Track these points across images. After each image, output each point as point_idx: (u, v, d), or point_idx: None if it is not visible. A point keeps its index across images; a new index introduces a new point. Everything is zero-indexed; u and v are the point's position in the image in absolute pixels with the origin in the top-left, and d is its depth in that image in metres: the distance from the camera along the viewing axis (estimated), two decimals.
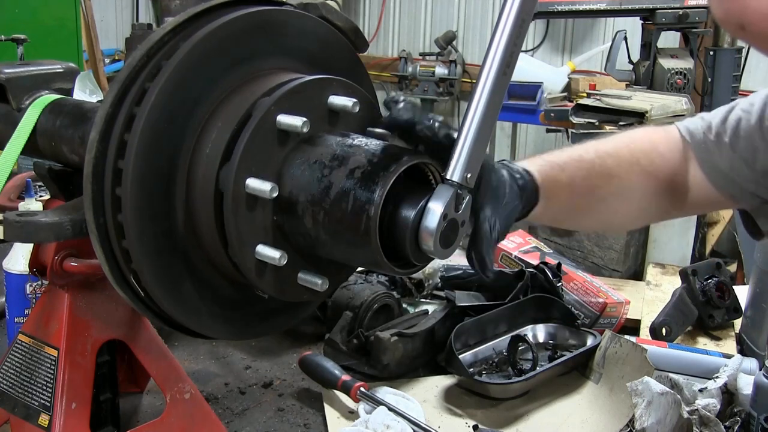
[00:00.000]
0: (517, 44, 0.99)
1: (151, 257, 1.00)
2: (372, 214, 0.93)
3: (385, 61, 6.63)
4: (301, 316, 1.24)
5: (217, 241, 1.01)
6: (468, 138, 0.98)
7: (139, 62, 1.00)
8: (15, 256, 1.57)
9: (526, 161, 1.23)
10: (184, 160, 1.00)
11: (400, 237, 0.97)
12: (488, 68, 0.99)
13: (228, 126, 0.99)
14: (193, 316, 1.07)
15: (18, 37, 3.21)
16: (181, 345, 1.68)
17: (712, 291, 1.77)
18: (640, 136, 1.40)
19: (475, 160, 0.98)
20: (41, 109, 1.22)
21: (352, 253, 1.01)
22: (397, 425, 1.32)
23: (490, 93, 0.99)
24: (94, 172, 0.99)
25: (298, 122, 0.97)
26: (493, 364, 1.61)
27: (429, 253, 0.98)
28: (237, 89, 1.03)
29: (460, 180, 0.97)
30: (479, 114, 0.98)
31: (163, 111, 0.97)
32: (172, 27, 1.01)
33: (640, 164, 1.34)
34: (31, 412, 1.19)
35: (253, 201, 0.99)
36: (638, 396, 1.31)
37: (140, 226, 0.98)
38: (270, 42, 1.06)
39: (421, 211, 0.97)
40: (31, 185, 1.87)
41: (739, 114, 1.32)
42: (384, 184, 0.94)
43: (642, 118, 2.86)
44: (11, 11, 4.51)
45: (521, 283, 1.76)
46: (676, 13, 3.18)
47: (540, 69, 5.17)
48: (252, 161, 0.98)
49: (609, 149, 1.34)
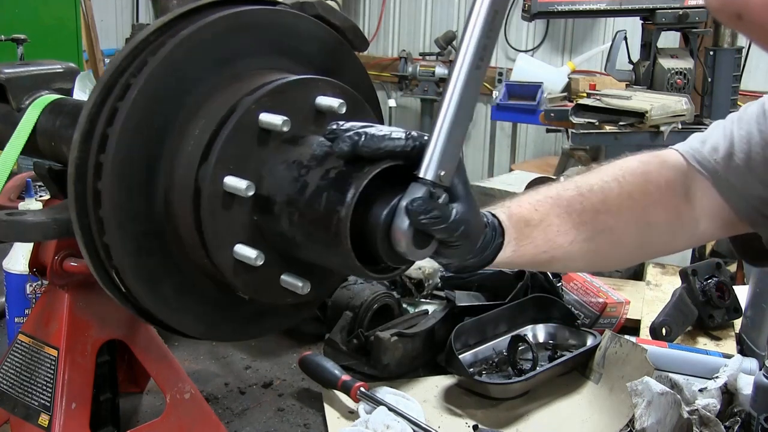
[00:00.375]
0: (491, 37, 0.96)
1: (131, 253, 0.99)
2: (343, 216, 0.90)
3: (385, 61, 6.64)
4: (293, 320, 1.22)
5: (197, 239, 0.99)
6: (441, 135, 0.94)
7: (123, 61, 0.99)
8: (15, 256, 1.57)
9: (489, 207, 1.16)
10: (167, 155, 0.99)
11: (371, 238, 0.94)
12: (460, 62, 0.96)
13: (210, 123, 0.98)
14: (174, 315, 1.06)
15: (18, 37, 3.21)
16: (181, 345, 1.68)
17: (712, 291, 1.77)
18: (631, 166, 1.27)
19: (449, 157, 0.95)
20: (41, 109, 1.22)
21: (327, 255, 0.98)
22: (397, 425, 1.32)
23: (463, 88, 0.96)
24: (78, 172, 0.98)
25: (279, 121, 0.96)
26: (493, 364, 1.61)
27: (403, 255, 0.95)
28: (223, 87, 1.01)
29: (433, 178, 0.94)
30: (452, 110, 0.95)
31: (146, 105, 0.96)
32: (158, 26, 1.00)
33: (633, 197, 1.24)
34: (31, 412, 1.19)
35: (230, 199, 0.97)
36: (638, 396, 1.31)
37: (119, 219, 0.97)
38: (259, 41, 1.05)
39: (392, 210, 0.94)
40: (31, 185, 1.87)
41: (742, 134, 1.24)
42: (357, 185, 0.91)
43: (642, 118, 2.86)
44: (11, 11, 4.51)
45: (521, 283, 1.76)
46: (676, 13, 3.18)
47: (540, 69, 5.19)
48: (231, 159, 0.96)
49: (593, 184, 1.24)
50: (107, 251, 0.99)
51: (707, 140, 1.28)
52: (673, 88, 3.18)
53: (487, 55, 0.97)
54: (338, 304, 1.70)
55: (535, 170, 4.18)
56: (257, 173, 0.99)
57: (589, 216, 1.21)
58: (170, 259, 1.03)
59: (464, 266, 1.09)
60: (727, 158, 1.24)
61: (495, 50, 3.69)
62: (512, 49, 5.96)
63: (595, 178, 1.25)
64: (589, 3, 3.30)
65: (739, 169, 1.23)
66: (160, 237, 1.01)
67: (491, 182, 2.99)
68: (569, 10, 3.34)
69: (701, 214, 1.27)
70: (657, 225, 1.27)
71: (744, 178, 1.23)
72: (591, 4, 3.30)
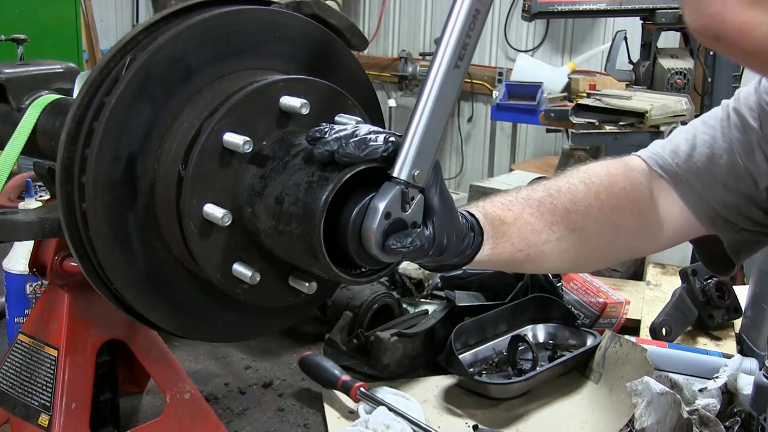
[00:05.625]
0: (471, 36, 0.95)
1: (113, 250, 0.99)
2: (316, 224, 0.90)
3: (385, 61, 6.63)
4: (287, 323, 1.23)
5: (188, 256, 1.00)
6: (416, 135, 0.93)
7: (110, 61, 0.99)
8: (15, 256, 1.57)
9: (464, 206, 1.16)
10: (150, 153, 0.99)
11: (343, 239, 0.93)
12: (438, 61, 0.95)
13: (181, 146, 0.98)
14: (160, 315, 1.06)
15: (18, 37, 3.20)
16: (181, 345, 1.68)
17: (712, 291, 1.77)
18: (596, 170, 1.28)
19: (424, 157, 0.93)
20: (41, 109, 1.22)
21: (309, 264, 0.97)
22: (397, 425, 1.32)
23: (440, 87, 0.95)
24: (65, 173, 0.98)
25: (240, 141, 0.95)
26: (493, 364, 1.61)
27: (375, 257, 0.94)
28: (209, 86, 1.01)
29: (407, 178, 0.93)
30: (428, 110, 0.94)
31: (132, 98, 0.96)
32: (145, 26, 1.00)
33: (600, 198, 1.24)
34: (31, 412, 1.19)
35: (210, 226, 0.98)
36: (638, 396, 1.31)
37: (102, 215, 0.97)
38: (247, 42, 1.04)
39: (363, 209, 0.92)
40: (31, 185, 1.87)
41: (705, 137, 1.25)
42: (329, 193, 0.90)
43: (642, 118, 2.86)
44: (11, 11, 4.51)
45: (521, 283, 1.76)
46: (676, 13, 3.18)
47: (540, 69, 5.18)
48: (204, 186, 0.96)
49: (561, 186, 1.25)
50: (91, 246, 0.99)
51: (668, 145, 1.30)
52: (673, 88, 3.19)
53: (468, 54, 0.96)
54: (338, 304, 1.70)
55: (535, 170, 4.17)
56: (232, 194, 0.99)
57: (560, 215, 1.22)
58: (156, 259, 1.03)
59: (443, 266, 1.09)
60: (688, 161, 1.26)
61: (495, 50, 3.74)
62: (512, 49, 5.96)
63: (562, 181, 1.27)
64: (589, 3, 3.30)
65: (699, 171, 1.25)
66: (144, 235, 1.01)
67: (491, 182, 2.98)
68: (569, 10, 3.34)
69: (665, 217, 1.28)
70: (624, 227, 1.28)
71: (705, 180, 1.24)
72: (591, 4, 3.31)
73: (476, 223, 1.11)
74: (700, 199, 1.25)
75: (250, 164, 0.99)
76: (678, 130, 1.31)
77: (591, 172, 1.28)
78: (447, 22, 0.95)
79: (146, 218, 1.00)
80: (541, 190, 1.24)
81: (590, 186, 1.25)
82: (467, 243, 1.07)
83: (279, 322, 1.21)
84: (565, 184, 1.26)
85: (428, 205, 0.97)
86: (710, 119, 1.27)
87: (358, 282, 1.00)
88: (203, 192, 0.96)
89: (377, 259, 0.95)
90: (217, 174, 0.98)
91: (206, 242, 0.98)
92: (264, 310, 1.14)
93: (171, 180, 0.98)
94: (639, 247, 1.37)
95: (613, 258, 1.55)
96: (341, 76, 1.12)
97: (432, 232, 0.97)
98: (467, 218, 1.10)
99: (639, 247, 1.36)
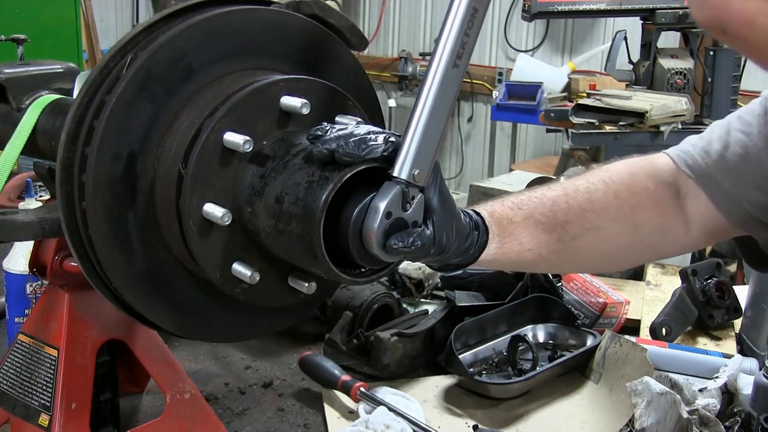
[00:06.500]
0: (470, 34, 0.95)
1: (113, 249, 0.99)
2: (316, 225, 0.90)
3: (385, 61, 6.63)
4: (287, 323, 1.23)
5: (188, 256, 1.00)
6: (416, 134, 0.93)
7: (111, 61, 0.99)
8: (15, 256, 1.57)
9: (473, 206, 1.15)
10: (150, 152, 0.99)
11: (344, 239, 0.93)
12: (437, 60, 0.95)
13: (181, 145, 0.98)
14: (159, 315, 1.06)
15: (18, 37, 3.20)
16: (181, 345, 1.68)
17: (712, 291, 1.77)
18: (619, 168, 1.26)
19: (424, 156, 0.93)
20: (41, 109, 1.22)
21: (310, 265, 0.97)
22: (397, 425, 1.32)
23: (439, 86, 0.95)
24: (65, 172, 0.98)
25: (240, 140, 0.95)
26: (493, 364, 1.61)
27: (376, 256, 0.94)
28: (210, 85, 1.01)
29: (407, 177, 0.93)
30: (427, 109, 0.94)
31: (133, 97, 0.96)
32: (145, 26, 1.00)
33: (619, 197, 1.22)
34: (31, 412, 1.19)
35: (210, 226, 0.98)
36: (638, 396, 1.31)
37: (102, 214, 0.96)
38: (247, 42, 1.04)
39: (364, 209, 0.92)
40: (31, 185, 1.87)
41: (740, 136, 1.21)
42: (328, 194, 0.90)
43: (642, 118, 2.86)
44: (11, 11, 4.51)
45: (521, 283, 1.76)
46: (676, 13, 3.18)
47: (540, 69, 5.19)
48: (204, 186, 0.96)
49: (580, 185, 1.23)
50: (90, 244, 0.99)
51: (699, 142, 1.26)
52: (673, 88, 3.18)
53: (466, 53, 0.96)
54: (338, 304, 1.70)
55: (535, 170, 4.17)
56: (232, 193, 0.99)
57: (575, 214, 1.21)
58: (156, 258, 1.03)
59: (447, 265, 1.09)
60: (719, 160, 1.22)
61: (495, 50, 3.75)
62: (512, 49, 5.96)
63: (582, 180, 1.25)
64: (589, 3, 3.30)
65: (731, 171, 1.21)
66: (143, 234, 1.01)
67: (491, 182, 2.98)
68: (569, 10, 3.34)
69: (692, 218, 1.26)
70: (646, 227, 1.26)
71: (737, 181, 1.21)
72: (591, 4, 3.30)
73: (481, 222, 1.11)
74: (731, 199, 1.22)
75: (250, 164, 0.99)
76: (712, 126, 1.27)
77: (612, 171, 1.26)
78: (445, 21, 0.96)
79: (146, 217, 1.00)
80: (557, 189, 1.23)
81: (610, 185, 1.23)
82: (471, 242, 1.07)
83: (279, 322, 1.21)
84: (583, 183, 1.24)
85: (428, 204, 0.97)
86: (746, 114, 1.23)
87: (358, 282, 1.00)
88: (203, 191, 0.96)
89: (378, 259, 0.95)
90: (217, 173, 0.98)
91: (206, 241, 0.98)
92: (264, 310, 1.14)
93: (171, 179, 0.98)
94: (662, 248, 1.33)
95: (634, 258, 1.51)
96: (341, 76, 1.12)
97: (432, 231, 0.97)
98: (471, 217, 1.10)
99: (662, 247, 1.32)
